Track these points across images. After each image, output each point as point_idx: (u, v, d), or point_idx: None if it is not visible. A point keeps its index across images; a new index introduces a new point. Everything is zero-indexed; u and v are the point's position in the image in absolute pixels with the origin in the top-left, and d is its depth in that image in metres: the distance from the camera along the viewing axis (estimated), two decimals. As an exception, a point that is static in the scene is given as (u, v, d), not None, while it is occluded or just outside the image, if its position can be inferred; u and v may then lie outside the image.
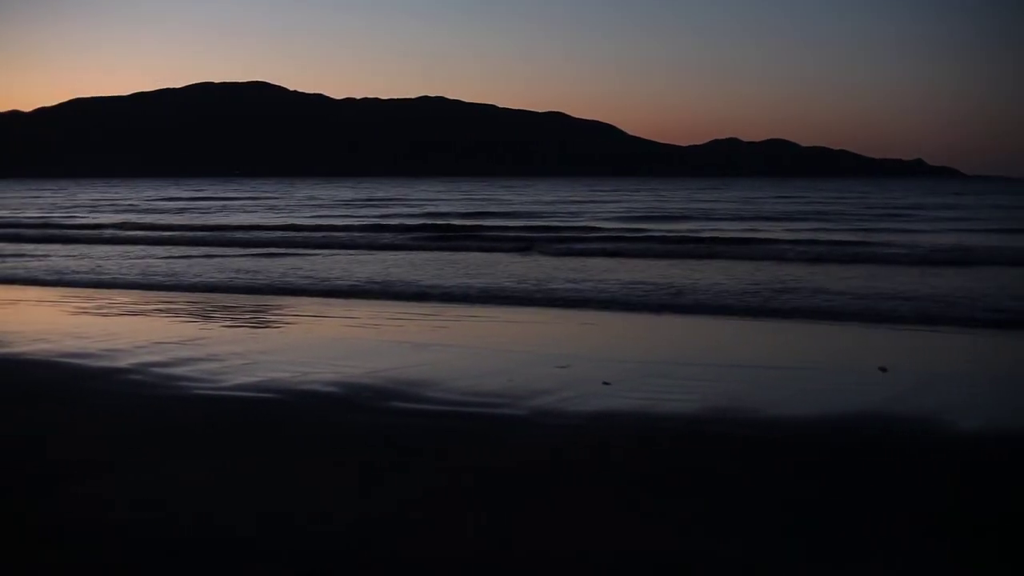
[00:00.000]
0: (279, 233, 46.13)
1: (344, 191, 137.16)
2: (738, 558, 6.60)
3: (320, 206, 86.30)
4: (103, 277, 27.94)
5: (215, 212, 76.03)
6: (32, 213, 74.74)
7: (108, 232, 48.55)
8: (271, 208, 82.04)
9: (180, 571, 6.34)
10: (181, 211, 77.12)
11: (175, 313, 19.99)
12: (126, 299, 22.49)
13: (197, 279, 27.00)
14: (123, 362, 13.96)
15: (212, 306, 21.26)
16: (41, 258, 34.28)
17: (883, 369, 13.35)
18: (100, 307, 21.04)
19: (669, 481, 8.38)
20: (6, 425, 10.37)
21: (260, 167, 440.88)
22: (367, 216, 65.15)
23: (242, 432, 10.02)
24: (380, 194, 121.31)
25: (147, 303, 21.74)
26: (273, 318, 19.55)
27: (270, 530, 7.03)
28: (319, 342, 16.36)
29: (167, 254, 36.00)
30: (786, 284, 23.90)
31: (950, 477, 8.58)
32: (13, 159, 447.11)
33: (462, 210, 74.24)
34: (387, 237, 42.77)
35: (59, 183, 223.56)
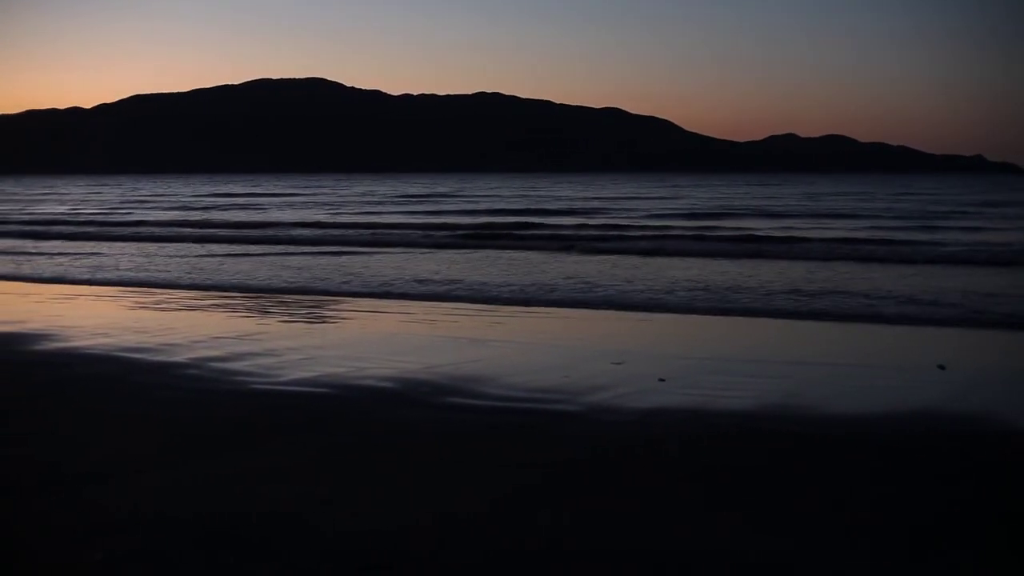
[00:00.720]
0: (337, 231, 45.82)
1: (402, 187, 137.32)
2: (794, 556, 6.55)
3: (378, 203, 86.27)
4: (161, 276, 28.15)
5: (268, 208, 76.32)
6: (91, 208, 75.48)
7: (162, 230, 48.44)
8: (327, 205, 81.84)
9: (234, 564, 6.36)
10: (243, 207, 77.52)
11: (232, 308, 20.11)
12: (184, 295, 22.70)
13: (242, 278, 27.14)
14: (180, 356, 14.06)
15: (268, 301, 21.38)
16: (94, 255, 34.66)
17: (942, 367, 13.23)
18: (158, 302, 21.24)
19: (725, 478, 8.33)
20: (63, 418, 10.45)
21: (317, 163, 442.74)
22: (420, 213, 65.13)
23: (298, 427, 10.05)
24: (439, 190, 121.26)
25: (204, 299, 21.92)
26: (329, 313, 19.64)
27: (326, 525, 7.04)
28: (375, 337, 16.41)
29: (226, 252, 36.27)
30: (838, 286, 23.72)
31: (1014, 475, 8.51)
32: (74, 155, 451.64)
33: (518, 207, 73.96)
34: (439, 235, 42.13)
35: (118, 179, 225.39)
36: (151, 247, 38.25)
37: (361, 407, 10.95)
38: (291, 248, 37.12)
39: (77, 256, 33.81)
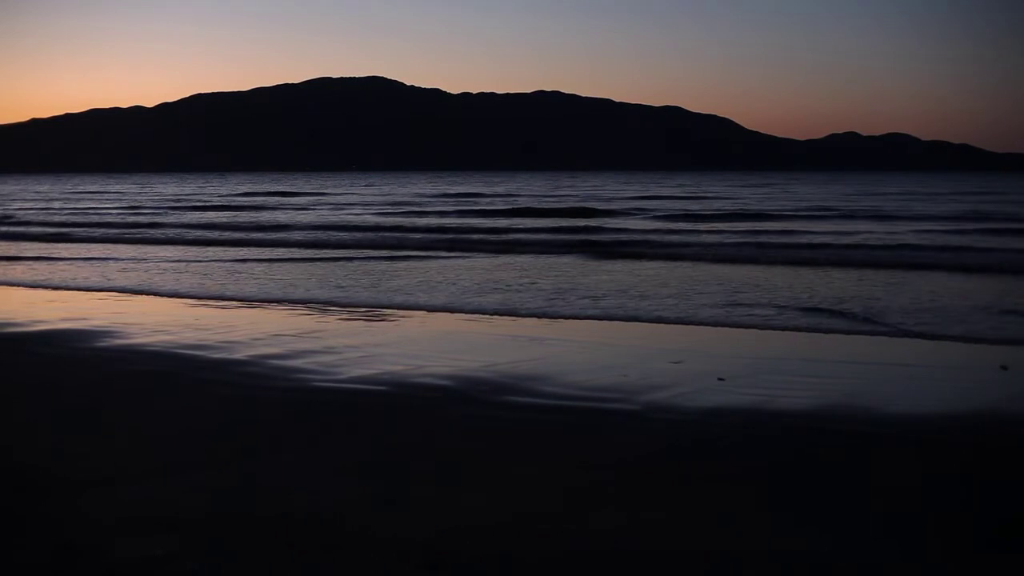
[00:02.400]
0: (398, 234, 43.75)
1: (462, 186, 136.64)
2: (837, 557, 6.50)
3: (440, 201, 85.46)
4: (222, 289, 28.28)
5: (343, 207, 76.08)
6: (150, 207, 75.60)
7: (236, 234, 46.94)
8: (399, 203, 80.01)
9: (294, 558, 6.38)
10: (305, 209, 77.12)
11: (292, 306, 20.17)
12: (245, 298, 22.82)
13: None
14: (240, 354, 14.13)
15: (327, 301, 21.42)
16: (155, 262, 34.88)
17: (1004, 367, 13.09)
18: (218, 299, 21.34)
19: (783, 478, 8.28)
20: (117, 415, 10.54)
21: (377, 161, 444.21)
22: (494, 214, 63.79)
23: (357, 424, 10.08)
24: (498, 190, 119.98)
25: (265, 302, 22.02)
26: (388, 312, 19.60)
27: (384, 523, 7.06)
28: (433, 335, 16.43)
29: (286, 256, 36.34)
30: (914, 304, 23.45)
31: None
32: (136, 153, 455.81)
33: (586, 204, 72.93)
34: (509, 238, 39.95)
35: (179, 176, 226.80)
36: (212, 251, 38.44)
37: (420, 405, 10.96)
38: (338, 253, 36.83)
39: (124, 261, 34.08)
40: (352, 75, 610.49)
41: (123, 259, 32.27)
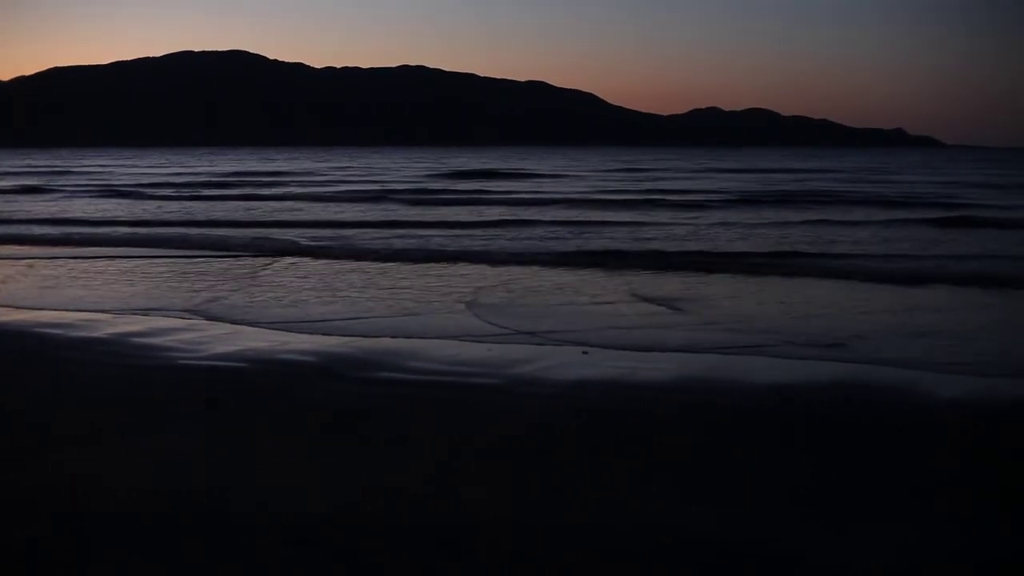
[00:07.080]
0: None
1: (315, 162, 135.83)
2: (725, 526, 6.62)
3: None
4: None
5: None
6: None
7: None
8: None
9: (165, 541, 6.33)
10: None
11: (155, 283, 19.86)
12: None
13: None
14: (101, 332, 13.90)
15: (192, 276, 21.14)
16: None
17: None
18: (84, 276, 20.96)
19: (653, 450, 8.39)
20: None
21: (239, 136, 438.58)
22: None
23: (225, 401, 9.98)
24: (340, 163, 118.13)
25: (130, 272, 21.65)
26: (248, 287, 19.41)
27: (252, 501, 7.03)
28: (294, 314, 16.29)
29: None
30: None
31: (925, 448, 8.66)
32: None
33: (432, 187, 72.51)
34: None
35: (31, 152, 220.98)
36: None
37: (286, 382, 10.88)
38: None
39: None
40: (214, 48, 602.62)
41: None
